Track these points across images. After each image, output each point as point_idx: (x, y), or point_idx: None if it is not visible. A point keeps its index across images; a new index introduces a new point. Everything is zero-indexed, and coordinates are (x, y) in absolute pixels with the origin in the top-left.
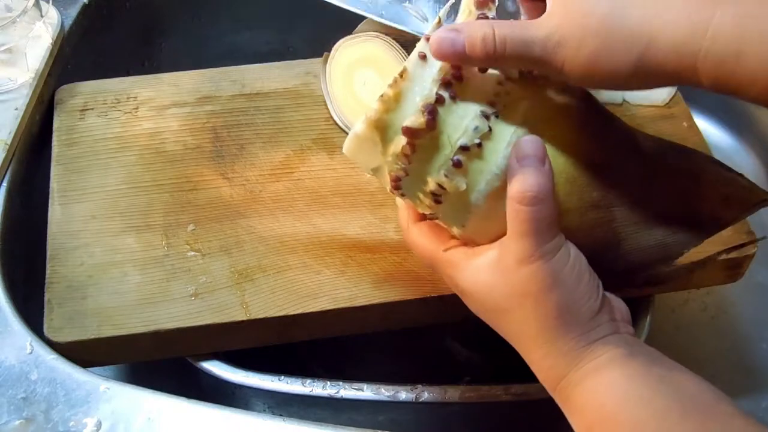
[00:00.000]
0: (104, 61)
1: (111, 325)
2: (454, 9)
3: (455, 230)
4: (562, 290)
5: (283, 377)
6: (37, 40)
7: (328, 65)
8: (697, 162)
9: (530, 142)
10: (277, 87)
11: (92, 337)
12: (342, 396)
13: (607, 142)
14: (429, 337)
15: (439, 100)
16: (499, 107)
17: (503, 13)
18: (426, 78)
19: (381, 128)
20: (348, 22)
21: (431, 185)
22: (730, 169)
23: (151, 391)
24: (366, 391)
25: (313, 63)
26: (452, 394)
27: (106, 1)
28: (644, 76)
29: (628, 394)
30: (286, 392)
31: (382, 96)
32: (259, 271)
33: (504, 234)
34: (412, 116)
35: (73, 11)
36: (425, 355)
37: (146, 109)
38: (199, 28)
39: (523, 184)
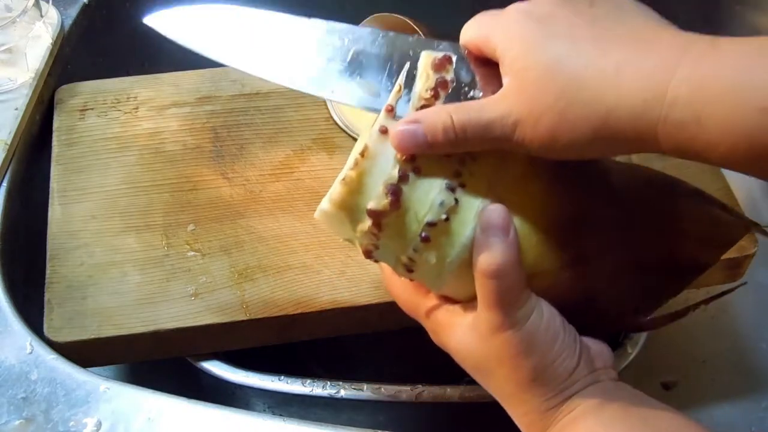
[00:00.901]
0: (104, 61)
1: (111, 325)
2: (410, 76)
3: (433, 290)
4: (536, 355)
5: (283, 377)
6: (37, 40)
7: None
8: (676, 199)
9: (494, 212)
10: (277, 87)
11: (92, 337)
12: (342, 396)
13: (580, 194)
14: (429, 337)
15: (403, 178)
16: (465, 177)
17: (458, 83)
18: (388, 155)
19: (346, 209)
20: (348, 22)
21: (402, 259)
22: (713, 201)
23: (151, 391)
24: (366, 391)
25: None
26: (452, 394)
27: (106, 1)
28: (604, 146)
29: None
30: (286, 392)
31: (344, 179)
32: (259, 271)
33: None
34: (375, 198)
35: (73, 11)
36: (425, 355)
37: (146, 109)
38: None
39: (487, 258)
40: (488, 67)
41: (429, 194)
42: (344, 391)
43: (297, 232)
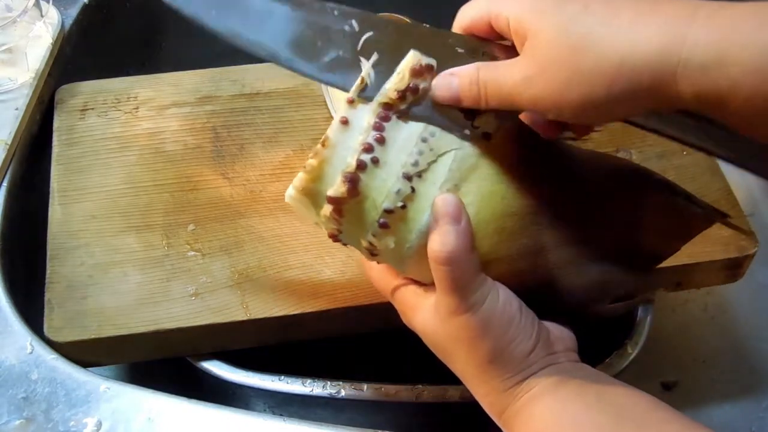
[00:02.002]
0: (104, 61)
1: (111, 325)
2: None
3: (399, 273)
4: (491, 337)
5: (283, 377)
6: (38, 40)
7: None
8: (642, 188)
9: (444, 200)
10: (277, 87)
11: (92, 337)
12: (342, 396)
13: (541, 182)
14: None
15: (360, 166)
16: (422, 166)
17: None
18: (348, 144)
19: (310, 195)
20: None
21: (364, 243)
22: (678, 192)
23: (151, 391)
24: (366, 391)
25: None
26: (452, 394)
27: (106, 1)
28: (620, 99)
29: (561, 417)
30: (286, 392)
31: (305, 167)
32: (259, 271)
33: None
34: (334, 186)
35: (73, 11)
36: (425, 355)
37: (146, 109)
38: (199, 28)
39: (438, 245)
40: (499, 48)
41: (386, 182)
42: (344, 391)
43: (297, 232)
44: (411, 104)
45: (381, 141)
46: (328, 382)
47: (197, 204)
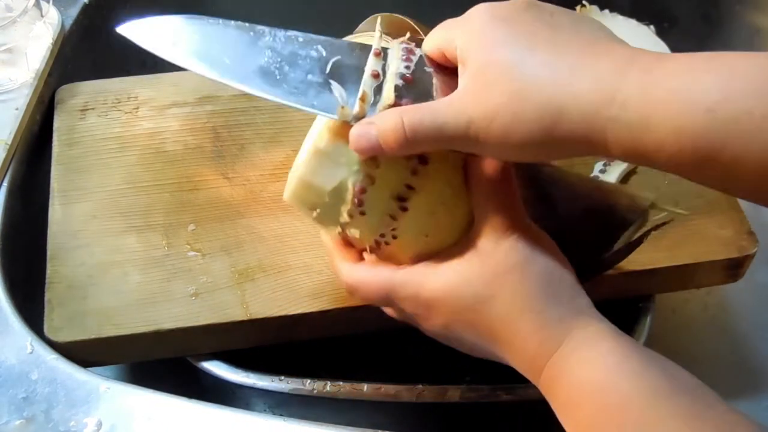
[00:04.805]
0: (104, 61)
1: (111, 325)
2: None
3: (413, 248)
4: (542, 259)
5: (283, 377)
6: (38, 40)
7: None
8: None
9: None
10: None
11: (93, 337)
12: (342, 396)
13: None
14: (429, 337)
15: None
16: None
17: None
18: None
19: (347, 134)
20: (348, 22)
21: (399, 188)
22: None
23: (151, 391)
24: (366, 391)
25: None
26: (452, 394)
27: (106, 1)
28: (556, 145)
29: (619, 369)
30: (286, 392)
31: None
32: (259, 271)
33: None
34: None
35: (73, 11)
36: (425, 355)
37: (146, 109)
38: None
39: (492, 162)
40: (448, 74)
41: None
42: (344, 391)
43: (298, 231)
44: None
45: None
46: (328, 382)
47: (197, 204)
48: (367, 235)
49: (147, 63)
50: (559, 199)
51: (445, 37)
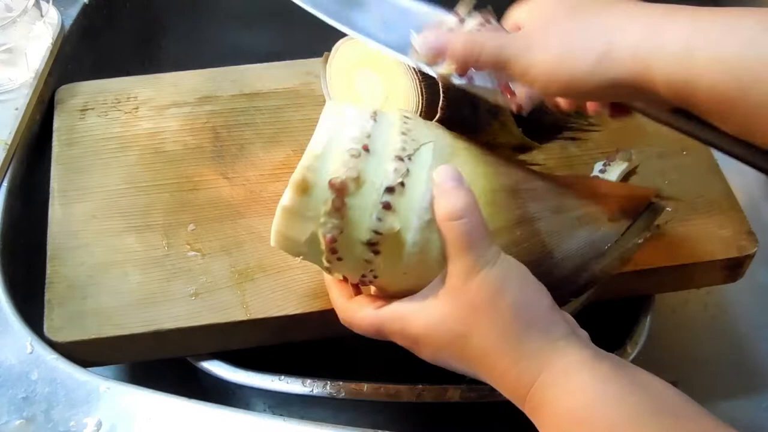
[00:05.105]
0: (104, 61)
1: (111, 325)
2: None
3: (396, 284)
4: (512, 291)
5: (283, 377)
6: (38, 40)
7: (328, 65)
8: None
9: (446, 168)
10: (277, 87)
11: (92, 337)
12: (342, 396)
13: (510, 167)
14: None
15: (354, 154)
16: (409, 151)
17: None
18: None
19: (307, 188)
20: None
21: (367, 234)
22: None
23: (151, 391)
24: (366, 391)
25: (313, 63)
26: (452, 394)
27: (106, 1)
28: (603, 80)
29: (601, 396)
30: (286, 392)
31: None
32: (259, 271)
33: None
34: (335, 171)
35: (73, 11)
36: None
37: (146, 109)
38: (199, 28)
39: (448, 202)
40: None
41: (381, 164)
42: (344, 391)
43: None
44: None
45: (367, 135)
46: (328, 382)
47: (197, 204)
48: (351, 276)
49: (146, 63)
50: (541, 217)
51: (512, 15)
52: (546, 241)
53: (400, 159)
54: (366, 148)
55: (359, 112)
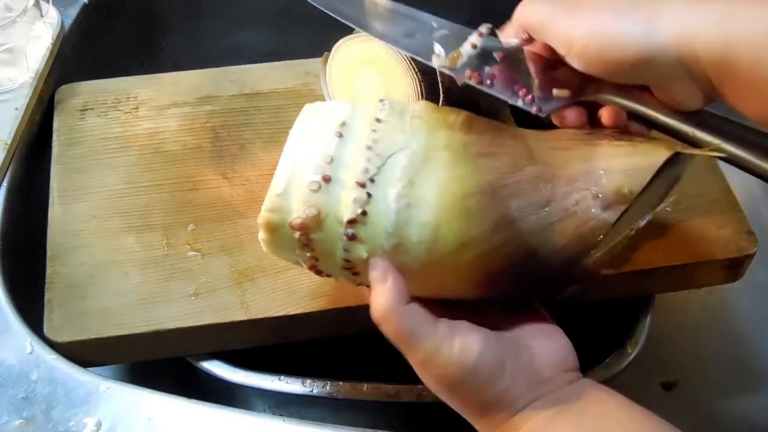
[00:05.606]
0: (104, 61)
1: (111, 325)
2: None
3: None
4: (460, 387)
5: (283, 377)
6: (37, 40)
7: (328, 65)
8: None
9: (371, 265)
10: (277, 87)
11: (92, 337)
12: (342, 396)
13: (494, 160)
14: None
15: (313, 188)
16: (372, 172)
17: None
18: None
19: (274, 229)
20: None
21: (340, 262)
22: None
23: (151, 391)
24: (366, 391)
25: (313, 63)
26: None
27: (106, 1)
28: (646, 52)
29: None
30: (286, 392)
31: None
32: (259, 271)
33: (429, 285)
34: (297, 210)
35: (73, 11)
36: None
37: (146, 109)
38: (199, 28)
39: (374, 304)
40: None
41: (341, 196)
42: (344, 391)
43: None
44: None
45: (328, 161)
46: (328, 382)
47: (197, 204)
48: (337, 269)
49: (146, 63)
50: (523, 216)
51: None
52: (529, 242)
53: (362, 186)
54: (326, 179)
55: (326, 128)
